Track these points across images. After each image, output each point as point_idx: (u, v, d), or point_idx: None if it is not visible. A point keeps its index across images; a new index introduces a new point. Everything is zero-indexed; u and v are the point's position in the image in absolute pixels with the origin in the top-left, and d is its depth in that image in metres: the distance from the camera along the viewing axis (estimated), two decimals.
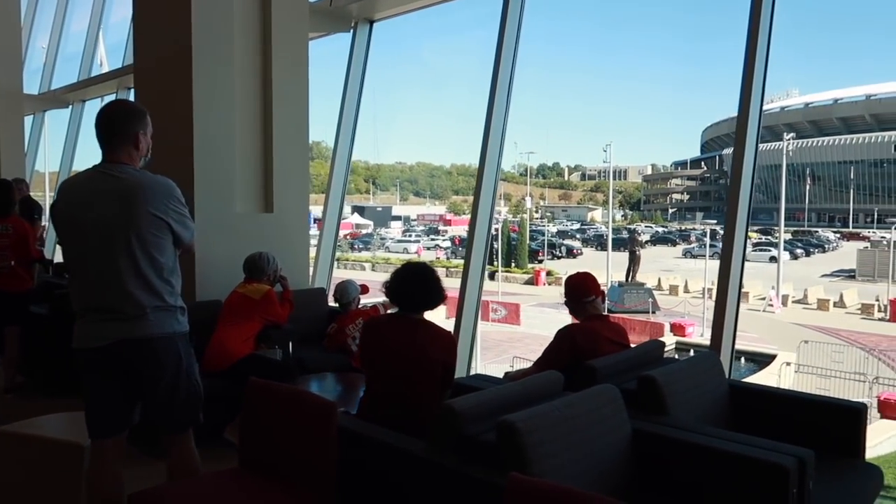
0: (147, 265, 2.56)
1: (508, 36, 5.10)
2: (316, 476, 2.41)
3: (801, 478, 2.28)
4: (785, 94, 79.78)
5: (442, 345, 2.99)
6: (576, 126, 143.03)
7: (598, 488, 2.29)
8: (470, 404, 2.40)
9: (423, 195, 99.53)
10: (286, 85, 5.18)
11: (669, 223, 74.70)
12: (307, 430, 2.45)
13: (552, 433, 2.24)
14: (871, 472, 2.82)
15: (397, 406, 2.89)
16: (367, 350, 3.07)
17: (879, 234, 43.40)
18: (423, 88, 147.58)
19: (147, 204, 2.56)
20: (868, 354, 17.48)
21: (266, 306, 4.22)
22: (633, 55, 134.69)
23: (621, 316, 22.01)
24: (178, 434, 2.71)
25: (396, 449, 2.40)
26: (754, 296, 26.71)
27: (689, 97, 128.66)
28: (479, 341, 16.40)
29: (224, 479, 2.58)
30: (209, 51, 4.72)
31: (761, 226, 58.27)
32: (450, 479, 2.23)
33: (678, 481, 2.51)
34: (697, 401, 2.98)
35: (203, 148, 4.72)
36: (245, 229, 4.96)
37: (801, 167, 65.54)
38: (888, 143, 64.04)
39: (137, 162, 2.72)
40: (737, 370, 17.50)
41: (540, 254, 41.39)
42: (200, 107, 4.68)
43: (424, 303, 2.97)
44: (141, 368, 2.60)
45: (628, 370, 3.09)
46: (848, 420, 2.94)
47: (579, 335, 3.28)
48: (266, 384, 2.68)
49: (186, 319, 2.74)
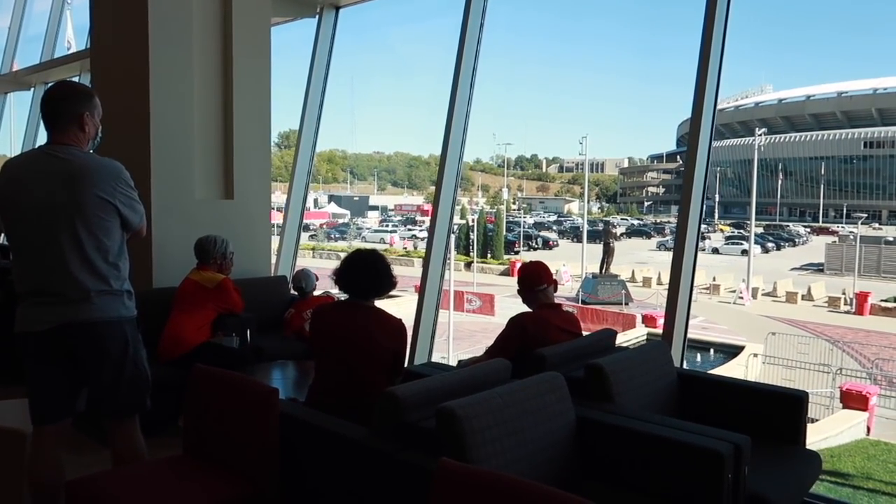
0: (92, 248, 2.53)
1: (472, 24, 5.08)
2: (257, 463, 2.40)
3: (736, 463, 2.32)
4: (759, 90, 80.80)
5: (391, 331, 2.99)
6: (554, 118, 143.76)
7: (539, 475, 2.31)
8: (412, 391, 2.40)
9: (401, 185, 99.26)
10: (247, 70, 5.11)
11: (645, 216, 75.41)
12: (249, 416, 2.44)
13: (492, 420, 2.25)
14: (809, 459, 2.88)
15: (346, 393, 2.89)
16: (316, 336, 3.06)
17: (847, 229, 44.28)
18: (400, 77, 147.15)
19: (93, 186, 2.52)
20: (833, 346, 17.86)
21: (220, 295, 4.17)
22: (615, 50, 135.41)
23: (595, 307, 22.26)
24: (122, 420, 2.68)
25: (337, 435, 2.39)
26: (725, 288, 27.17)
27: (666, 91, 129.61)
28: (451, 331, 16.54)
29: (165, 465, 2.55)
30: (166, 34, 4.64)
31: (734, 219, 59.15)
32: (388, 465, 2.23)
33: (621, 468, 2.54)
34: (645, 389, 3.01)
35: (160, 133, 4.65)
36: (204, 216, 4.90)
37: (773, 162, 66.53)
38: (858, 140, 65.26)
39: (84, 144, 2.67)
40: (706, 361, 17.80)
41: (516, 245, 41.57)
42: (158, 91, 4.60)
43: (373, 289, 2.97)
44: (85, 353, 2.57)
45: (578, 358, 3.11)
46: (789, 408, 2.99)
47: (530, 324, 3.29)
48: (209, 371, 2.66)
49: (134, 304, 2.71)
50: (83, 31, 10.89)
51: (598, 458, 2.57)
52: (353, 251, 3.09)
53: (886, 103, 65.46)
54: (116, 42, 4.89)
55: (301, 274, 5.23)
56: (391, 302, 18.24)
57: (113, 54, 4.93)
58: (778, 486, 2.54)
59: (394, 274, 3.04)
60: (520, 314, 3.38)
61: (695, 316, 21.62)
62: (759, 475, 2.46)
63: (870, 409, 11.84)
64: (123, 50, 4.79)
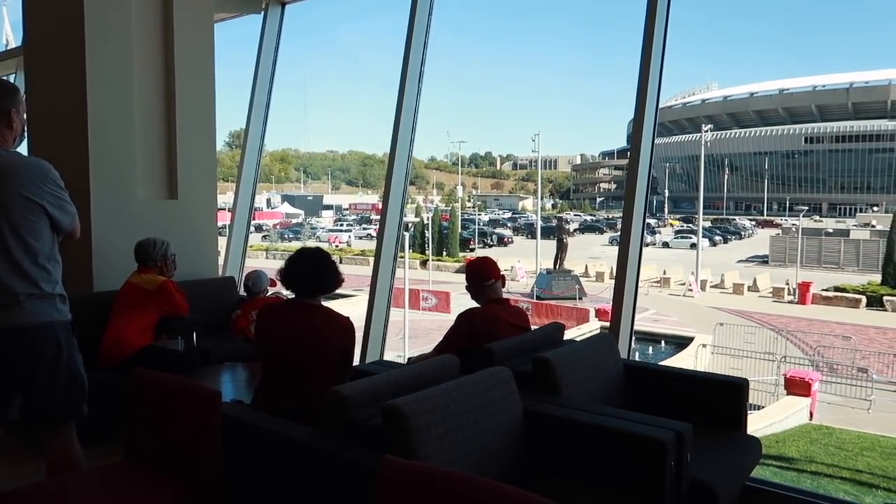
0: (19, 250, 2.43)
1: (419, 20, 5.06)
2: (199, 467, 2.34)
3: (679, 451, 2.37)
4: (705, 87, 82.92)
5: (339, 329, 2.95)
6: (507, 116, 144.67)
7: (487, 469, 2.32)
8: (358, 389, 2.37)
9: (355, 184, 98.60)
10: (190, 66, 4.99)
11: (597, 211, 76.66)
12: (190, 420, 2.38)
13: (438, 416, 2.24)
14: (750, 444, 2.96)
15: (294, 392, 2.84)
16: (262, 335, 3.00)
17: (790, 222, 45.84)
18: (352, 76, 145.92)
19: (19, 186, 2.42)
20: (778, 335, 18.47)
21: (162, 298, 4.06)
22: (564, 48, 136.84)
23: (549, 302, 22.51)
24: (57, 428, 2.59)
25: (282, 436, 2.35)
26: (675, 281, 27.81)
27: (616, 88, 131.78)
28: (406, 329, 16.50)
29: (104, 473, 2.47)
30: (103, 28, 4.49)
31: (683, 214, 60.63)
32: (334, 465, 2.20)
33: (567, 459, 2.56)
34: (591, 381, 3.05)
35: (99, 131, 4.49)
36: (147, 216, 4.76)
37: (720, 158, 68.44)
38: (799, 136, 67.64)
39: (11, 142, 2.57)
40: (657, 352, 18.19)
41: (471, 242, 41.75)
42: (94, 88, 4.45)
43: (319, 287, 2.93)
44: (16, 359, 2.46)
45: (526, 353, 3.13)
46: (731, 395, 3.07)
47: (479, 319, 3.30)
48: (149, 374, 2.59)
49: (68, 308, 2.61)
50: (20, 27, 10.48)
51: (546, 450, 2.59)
52: (298, 250, 3.04)
53: (825, 100, 68.02)
54: (51, 38, 4.71)
55: (252, 275, 5.14)
56: (346, 301, 18.10)
57: (47, 50, 4.75)
58: (720, 471, 2.60)
59: (339, 271, 3.01)
60: (468, 310, 3.39)
61: (646, 308, 22.22)
62: (701, 461, 2.52)
63: (812, 395, 12.28)
64: (58, 46, 4.62)
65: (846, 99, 66.62)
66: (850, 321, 20.83)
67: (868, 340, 18.16)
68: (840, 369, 14.80)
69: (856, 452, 10.10)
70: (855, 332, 18.09)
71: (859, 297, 23.54)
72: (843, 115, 66.56)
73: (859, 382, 13.59)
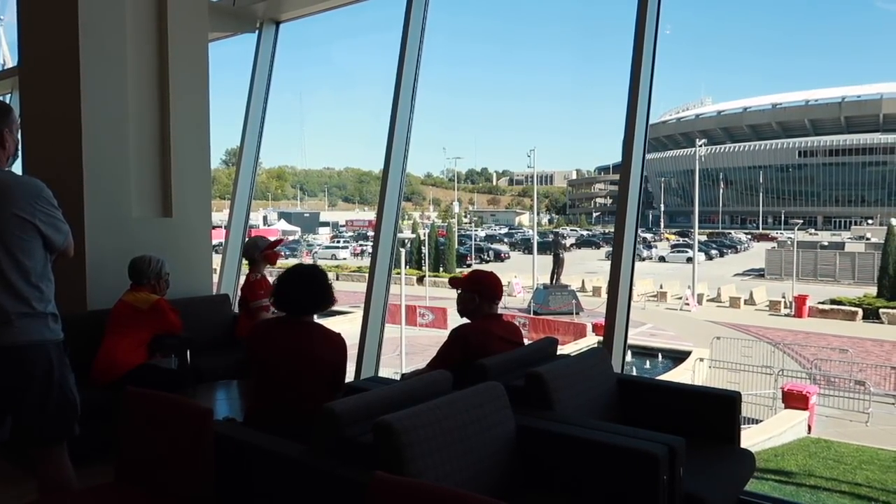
0: (12, 269, 2.44)
1: (412, 37, 5.11)
2: (192, 486, 2.33)
3: (671, 465, 2.37)
4: (699, 102, 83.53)
5: (333, 346, 2.95)
6: (502, 132, 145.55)
7: (479, 485, 2.32)
8: (350, 406, 2.37)
9: (352, 201, 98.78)
10: (185, 85, 5.02)
11: (594, 226, 76.81)
12: (183, 438, 2.37)
13: (430, 432, 2.24)
14: (743, 457, 2.96)
15: (286, 409, 2.84)
16: (255, 352, 2.99)
17: (786, 235, 46.00)
18: (348, 93, 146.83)
19: (11, 205, 2.44)
20: (774, 348, 18.51)
21: (155, 316, 4.05)
22: (558, 65, 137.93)
23: (546, 318, 22.49)
24: (48, 448, 2.58)
25: (274, 454, 2.35)
26: (672, 295, 27.84)
27: (611, 103, 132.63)
28: (403, 346, 16.45)
29: (96, 493, 2.46)
30: (98, 49, 4.52)
31: (679, 228, 60.81)
32: (326, 481, 2.20)
33: (560, 474, 2.56)
34: (585, 395, 3.05)
35: (94, 150, 4.51)
36: (142, 235, 4.77)
37: (714, 172, 68.74)
38: (792, 149, 68.06)
39: (3, 162, 2.59)
40: (655, 367, 18.17)
41: (468, 258, 41.76)
42: (90, 107, 4.47)
43: (312, 306, 2.93)
44: (7, 378, 2.46)
45: (520, 367, 3.13)
46: (724, 408, 3.07)
47: (472, 334, 3.30)
48: (141, 393, 2.58)
49: (60, 327, 2.62)
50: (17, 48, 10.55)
51: (539, 465, 2.58)
52: (291, 267, 3.04)
53: (817, 114, 68.53)
54: (46, 58, 4.74)
55: (250, 242, 5.13)
56: (343, 318, 18.08)
57: (43, 70, 4.77)
58: (713, 485, 2.60)
59: (333, 289, 3.01)
60: (462, 325, 3.39)
61: (643, 323, 22.22)
62: (694, 475, 2.51)
63: (810, 409, 12.27)
64: (53, 66, 4.64)
65: (839, 113, 67.13)
66: (846, 334, 20.87)
67: (865, 353, 18.19)
68: (838, 382, 14.79)
69: (854, 466, 10.08)
70: (852, 345, 18.12)
71: (855, 309, 23.59)
72: (836, 128, 67.05)
73: (857, 395, 13.58)
